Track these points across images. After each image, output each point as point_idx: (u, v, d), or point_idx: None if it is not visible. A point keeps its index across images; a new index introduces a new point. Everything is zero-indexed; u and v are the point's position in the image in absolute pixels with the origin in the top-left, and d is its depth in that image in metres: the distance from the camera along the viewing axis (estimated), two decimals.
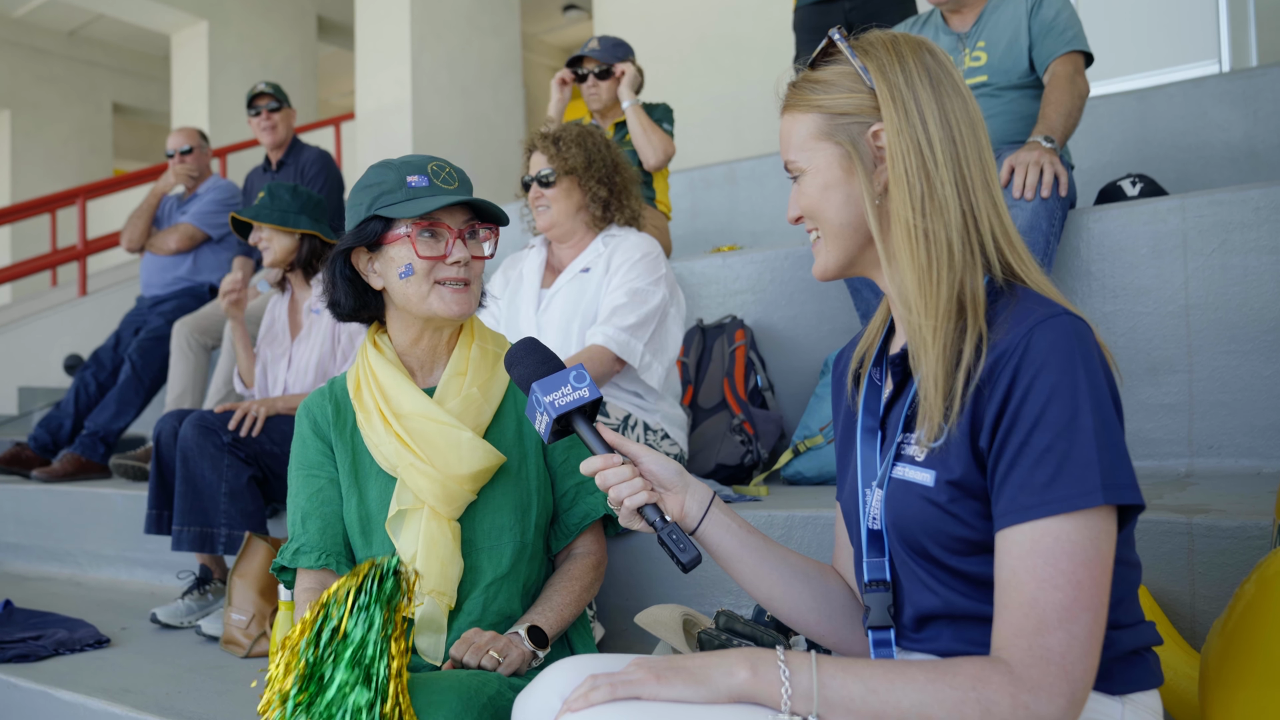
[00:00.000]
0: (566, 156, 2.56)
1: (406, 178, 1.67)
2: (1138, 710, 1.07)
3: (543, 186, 2.59)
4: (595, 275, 2.56)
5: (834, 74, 1.17)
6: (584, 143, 2.59)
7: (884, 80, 1.12)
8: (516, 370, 1.35)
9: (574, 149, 2.57)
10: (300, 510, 1.77)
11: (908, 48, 1.15)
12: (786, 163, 1.21)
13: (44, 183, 11.36)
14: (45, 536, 3.86)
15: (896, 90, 1.12)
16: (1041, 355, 1.01)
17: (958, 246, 1.09)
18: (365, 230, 1.68)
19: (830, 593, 1.32)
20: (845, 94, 1.15)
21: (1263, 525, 1.68)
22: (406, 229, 1.66)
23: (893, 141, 1.11)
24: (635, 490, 1.24)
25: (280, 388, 3.15)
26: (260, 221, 3.10)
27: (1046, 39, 2.78)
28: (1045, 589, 0.96)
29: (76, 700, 2.19)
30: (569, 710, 1.04)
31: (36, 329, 7.16)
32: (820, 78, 1.18)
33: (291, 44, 10.38)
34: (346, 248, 1.71)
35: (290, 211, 3.14)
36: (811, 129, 1.17)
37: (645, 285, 2.49)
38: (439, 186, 1.68)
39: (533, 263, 2.71)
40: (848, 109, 1.15)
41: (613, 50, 3.83)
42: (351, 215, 1.71)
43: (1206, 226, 2.55)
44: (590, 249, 2.62)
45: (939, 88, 1.12)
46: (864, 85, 1.14)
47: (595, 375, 2.38)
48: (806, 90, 1.18)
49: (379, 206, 1.67)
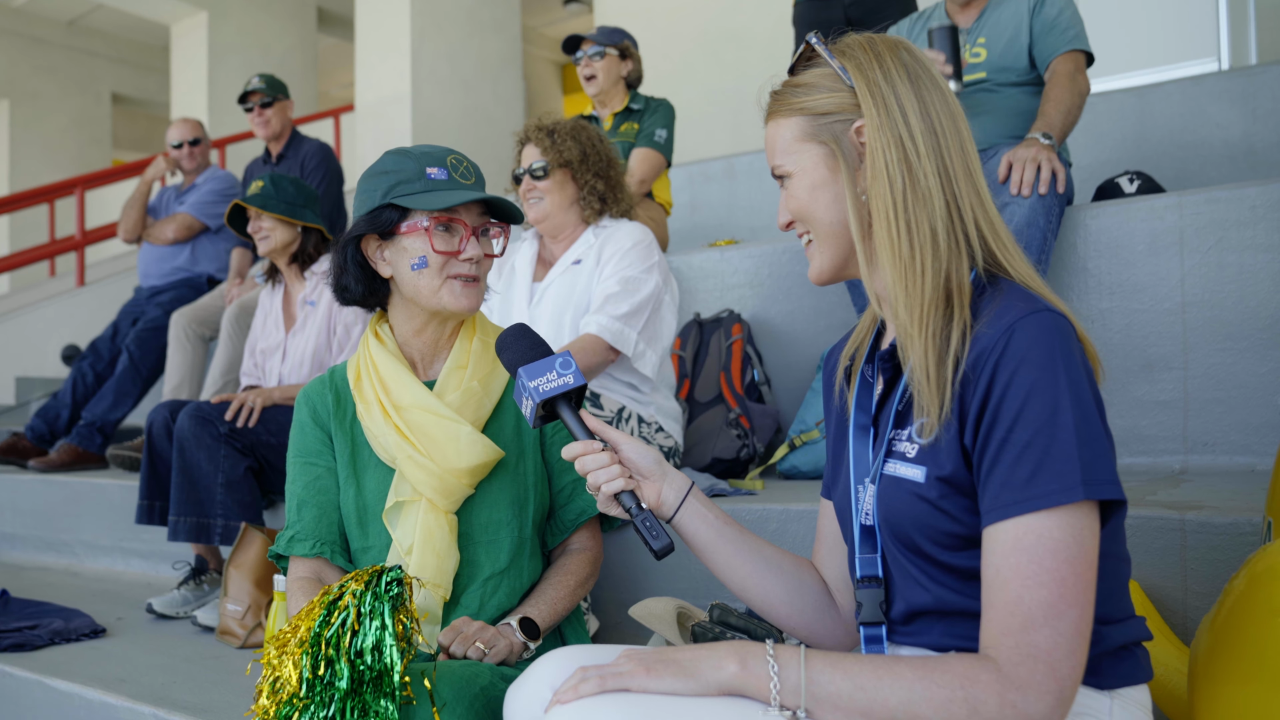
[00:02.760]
0: (562, 149, 2.54)
1: (426, 169, 1.66)
2: (1126, 705, 1.08)
3: (535, 179, 2.57)
4: (587, 267, 2.55)
5: (814, 76, 1.19)
6: (579, 136, 2.57)
7: (862, 77, 1.14)
8: (505, 355, 1.38)
9: (569, 141, 2.55)
10: (297, 498, 1.77)
11: (884, 46, 1.16)
12: (773, 168, 1.22)
13: (42, 173, 11.34)
14: (42, 526, 3.87)
15: (875, 86, 1.13)
16: (1021, 351, 1.02)
17: (942, 236, 1.10)
18: (381, 217, 1.67)
19: (804, 586, 1.33)
20: (826, 94, 1.17)
21: (1254, 522, 1.68)
22: (424, 221, 1.66)
23: (873, 135, 1.12)
24: (612, 477, 1.26)
25: (275, 380, 3.15)
26: (267, 211, 3.09)
27: (1048, 37, 2.79)
28: (1030, 586, 0.97)
29: (72, 690, 2.19)
30: (559, 702, 1.05)
31: (34, 319, 7.16)
32: (800, 81, 1.20)
33: (291, 35, 10.37)
34: (359, 233, 1.70)
35: (296, 204, 3.14)
36: (795, 132, 1.19)
37: (637, 273, 2.48)
38: (458, 181, 1.68)
39: (524, 256, 2.70)
40: (829, 108, 1.17)
41: (609, 35, 3.84)
42: (364, 200, 1.69)
43: (1203, 224, 2.55)
44: (581, 241, 2.61)
45: (917, 82, 1.14)
46: (844, 84, 1.16)
47: (589, 365, 2.38)
48: (788, 95, 1.20)
49: (396, 195, 1.66)
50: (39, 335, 7.04)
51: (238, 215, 3.23)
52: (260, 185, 3.14)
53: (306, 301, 3.15)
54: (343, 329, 3.07)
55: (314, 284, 3.16)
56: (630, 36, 3.95)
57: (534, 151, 2.58)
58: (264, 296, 3.35)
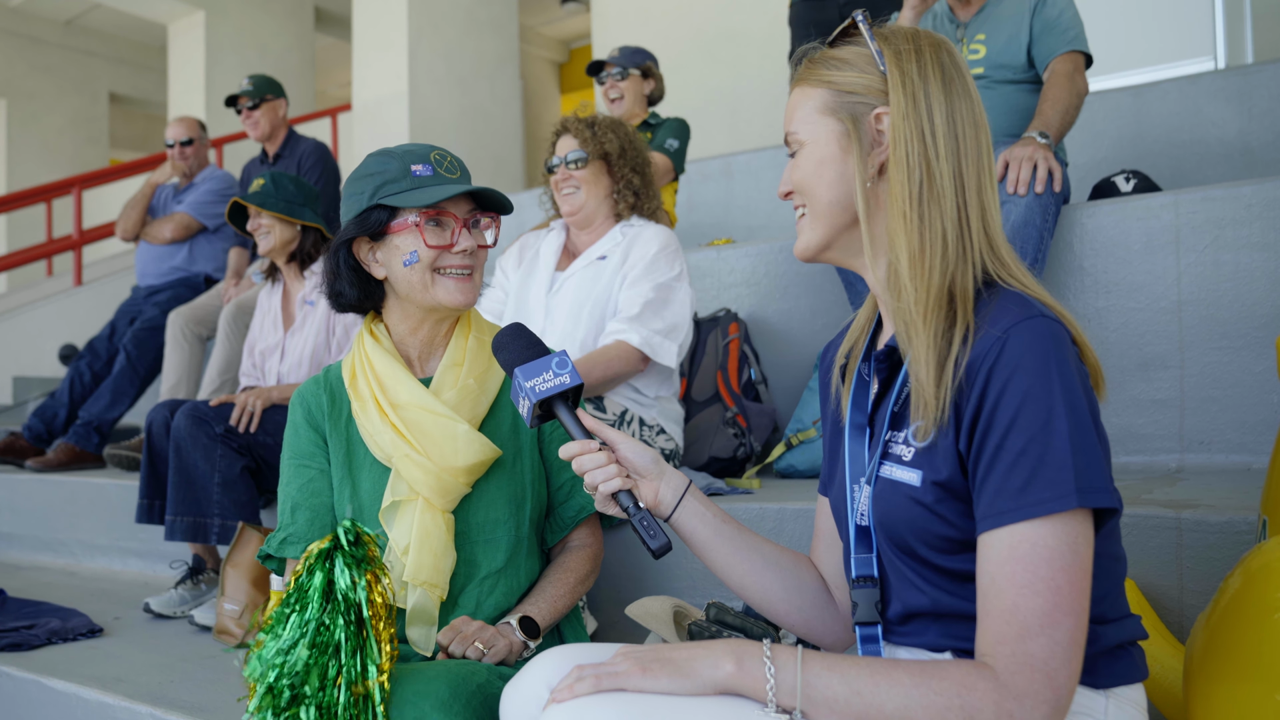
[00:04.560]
0: (602, 140, 2.56)
1: (410, 166, 1.67)
2: (1122, 704, 1.08)
3: (572, 169, 2.58)
4: (611, 264, 2.55)
5: (850, 53, 1.18)
6: (618, 130, 2.60)
7: (897, 66, 1.13)
8: (502, 355, 1.38)
9: (609, 134, 2.57)
10: (290, 500, 1.77)
11: (927, 42, 1.16)
12: (787, 135, 1.21)
13: (40, 172, 11.32)
14: (39, 526, 3.86)
15: (909, 78, 1.13)
16: (1016, 358, 1.01)
17: (952, 238, 1.10)
18: (370, 219, 1.67)
19: (803, 583, 1.34)
20: (857, 73, 1.16)
21: (1250, 520, 1.69)
22: (414, 218, 1.66)
23: (898, 125, 1.11)
24: (610, 476, 1.26)
25: (274, 379, 3.15)
26: (266, 209, 3.09)
27: (1048, 37, 2.79)
28: (1025, 595, 0.97)
29: (69, 689, 2.19)
30: (555, 701, 1.05)
31: (32, 318, 7.15)
32: (836, 55, 1.19)
33: (288, 34, 10.35)
34: (350, 237, 1.70)
35: (295, 202, 3.14)
36: (817, 103, 1.18)
37: (669, 279, 2.51)
38: (443, 175, 1.69)
39: (550, 244, 2.71)
40: (856, 88, 1.16)
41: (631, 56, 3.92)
42: (351, 204, 1.70)
43: (1199, 223, 2.55)
44: (608, 237, 2.62)
45: (950, 86, 1.13)
46: (877, 69, 1.15)
47: (619, 373, 2.41)
48: (820, 66, 1.19)
49: (383, 195, 1.66)
50: (36, 335, 7.03)
51: (238, 213, 3.23)
52: (261, 183, 3.14)
53: (305, 301, 3.15)
54: (342, 329, 3.07)
55: (313, 283, 3.16)
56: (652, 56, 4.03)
57: (571, 142, 2.59)
58: (263, 296, 3.35)
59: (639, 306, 2.45)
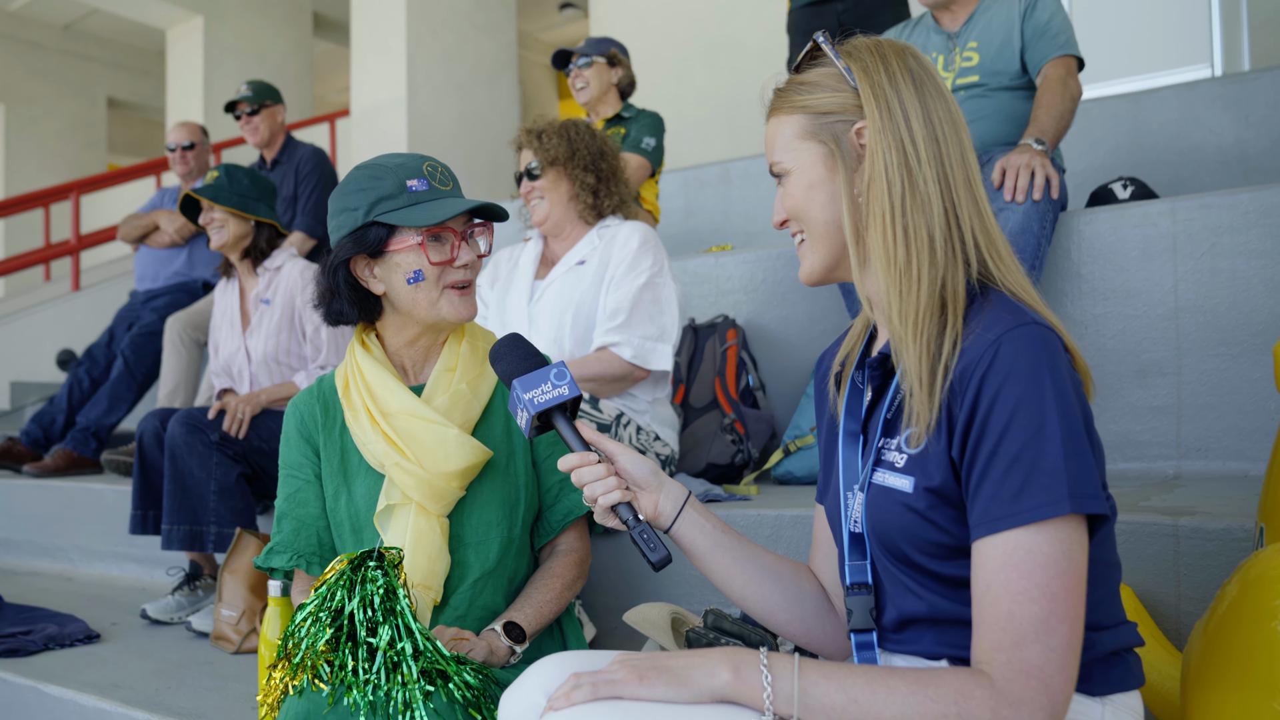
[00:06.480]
0: (549, 148, 2.58)
1: (405, 182, 1.66)
2: (1118, 711, 1.08)
3: (531, 179, 2.61)
4: (591, 268, 2.57)
5: (818, 75, 1.18)
6: (566, 133, 2.61)
7: (867, 79, 1.14)
8: (499, 366, 1.37)
9: (555, 139, 2.59)
10: (279, 510, 1.79)
11: (890, 50, 1.16)
12: (771, 165, 1.22)
13: (38, 177, 11.32)
14: (36, 532, 3.86)
15: (879, 88, 1.13)
16: (1008, 365, 1.01)
17: (939, 243, 1.10)
18: (368, 236, 1.66)
19: (803, 592, 1.33)
20: (829, 94, 1.17)
21: (1247, 527, 1.69)
22: (417, 237, 1.66)
23: (874, 138, 1.12)
24: (609, 489, 1.26)
25: (247, 382, 3.10)
26: (219, 204, 3.00)
27: (1039, 42, 2.80)
28: (1020, 602, 0.97)
29: (66, 695, 2.19)
30: (552, 709, 1.05)
31: (29, 324, 7.15)
32: (804, 79, 1.19)
33: (287, 40, 10.36)
34: (348, 255, 1.69)
35: (250, 197, 3.05)
36: (796, 129, 1.18)
37: (653, 277, 2.52)
38: (438, 189, 1.68)
39: (529, 254, 2.72)
40: (831, 108, 1.16)
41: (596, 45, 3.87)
42: (343, 220, 1.67)
43: (1196, 230, 2.56)
44: (584, 241, 2.63)
45: (921, 88, 1.14)
46: (848, 85, 1.16)
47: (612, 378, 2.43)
48: (791, 93, 1.20)
49: (380, 212, 1.65)
50: (34, 340, 7.03)
51: (190, 206, 3.11)
52: (215, 176, 3.04)
53: (261, 300, 3.10)
54: (312, 329, 3.03)
55: (267, 280, 3.10)
56: (618, 44, 3.97)
57: (528, 154, 2.63)
58: (219, 294, 3.29)
59: (626, 311, 2.46)
